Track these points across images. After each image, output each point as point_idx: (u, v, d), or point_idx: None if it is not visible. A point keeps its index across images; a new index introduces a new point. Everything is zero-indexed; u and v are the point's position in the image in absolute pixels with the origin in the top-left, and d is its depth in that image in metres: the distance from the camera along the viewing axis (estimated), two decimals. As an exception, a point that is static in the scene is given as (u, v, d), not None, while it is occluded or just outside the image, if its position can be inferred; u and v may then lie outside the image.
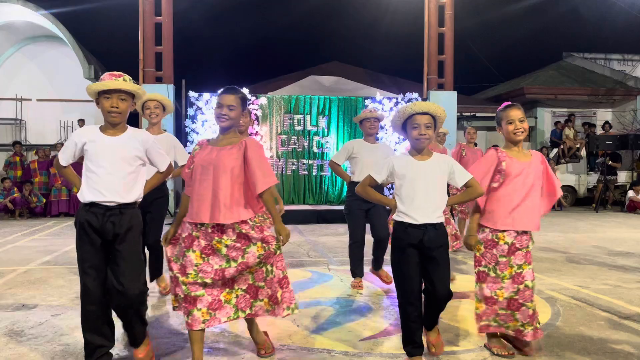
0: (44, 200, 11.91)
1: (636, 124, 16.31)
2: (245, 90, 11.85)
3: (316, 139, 12.20)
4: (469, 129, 7.08)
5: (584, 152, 15.02)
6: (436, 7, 12.96)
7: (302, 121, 12.13)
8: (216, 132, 3.10)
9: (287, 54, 34.97)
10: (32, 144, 14.07)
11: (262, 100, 11.97)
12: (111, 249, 2.88)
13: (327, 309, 4.31)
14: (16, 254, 6.95)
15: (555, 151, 15.05)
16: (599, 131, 15.58)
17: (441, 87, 13.01)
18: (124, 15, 14.67)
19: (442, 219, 2.98)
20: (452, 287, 3.14)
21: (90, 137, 2.91)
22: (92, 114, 13.64)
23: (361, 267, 5.05)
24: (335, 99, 12.28)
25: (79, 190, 2.94)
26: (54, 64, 14.50)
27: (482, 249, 3.19)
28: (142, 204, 3.19)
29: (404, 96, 12.19)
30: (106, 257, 2.91)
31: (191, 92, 11.56)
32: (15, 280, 5.38)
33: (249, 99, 11.74)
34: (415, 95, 12.21)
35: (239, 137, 3.06)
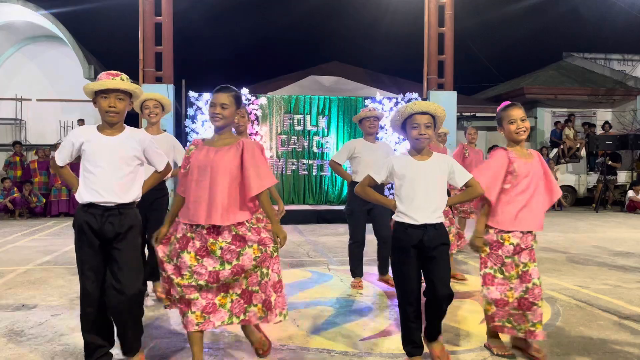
0: (44, 200, 11.91)
1: (636, 124, 16.31)
2: (245, 90, 11.89)
3: (316, 139, 12.20)
4: (469, 129, 7.06)
5: (583, 152, 15.02)
6: (436, 7, 12.96)
7: (302, 121, 12.12)
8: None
9: (287, 54, 35.00)
10: (32, 144, 14.07)
11: (262, 100, 11.97)
12: (110, 248, 2.85)
13: (327, 309, 4.31)
14: (16, 254, 6.95)
15: (555, 151, 15.05)
16: (599, 131, 15.58)
17: (441, 87, 13.01)
18: (124, 15, 14.67)
19: (442, 219, 2.97)
20: (455, 287, 3.14)
21: (87, 137, 2.88)
22: (92, 114, 13.64)
23: (361, 267, 5.04)
24: (335, 99, 12.28)
25: (76, 190, 2.91)
26: (54, 64, 14.51)
27: (487, 250, 3.17)
28: (144, 204, 3.17)
29: (404, 96, 12.19)
30: (105, 258, 2.88)
31: (191, 92, 11.55)
32: (15, 280, 5.38)
33: (249, 99, 11.74)
34: (415, 95, 12.21)
35: (235, 137, 3.02)
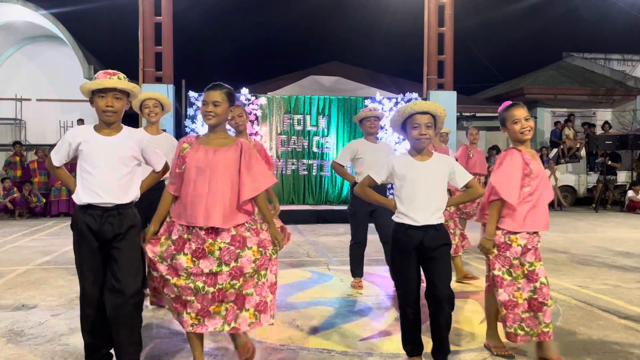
0: (44, 200, 11.91)
1: (636, 124, 16.32)
2: (245, 90, 11.89)
3: (316, 139, 12.20)
4: (471, 129, 7.04)
5: (583, 152, 15.02)
6: (436, 7, 12.96)
7: (302, 121, 12.13)
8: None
9: (287, 54, 35.02)
10: (32, 144, 14.08)
11: (262, 100, 11.97)
12: (110, 248, 2.82)
13: (327, 309, 4.31)
14: (16, 254, 6.95)
15: (555, 151, 15.05)
16: (599, 131, 15.59)
17: (441, 87, 13.01)
18: (123, 15, 14.68)
19: (442, 220, 2.95)
20: (456, 287, 3.13)
21: (85, 137, 2.84)
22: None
23: (361, 267, 5.04)
24: (335, 99, 12.28)
25: (73, 191, 2.87)
26: (54, 64, 14.51)
27: (495, 251, 3.12)
28: (143, 204, 3.15)
29: (404, 96, 12.19)
30: (104, 258, 2.85)
31: (191, 92, 11.55)
32: (15, 280, 5.38)
33: (249, 99, 11.75)
34: (415, 95, 12.21)
35: (232, 137, 2.98)
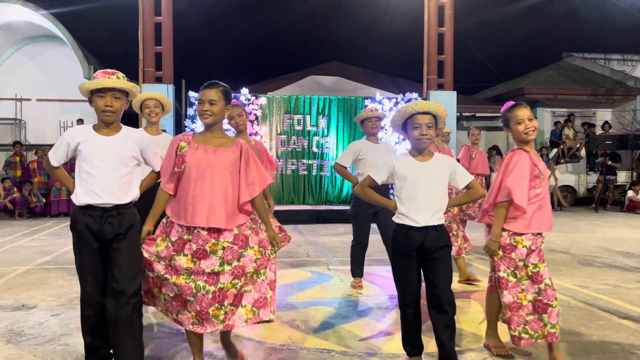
0: (44, 200, 11.91)
1: (636, 124, 16.32)
2: (245, 90, 11.88)
3: (316, 139, 12.20)
4: (472, 130, 7.02)
5: (583, 152, 15.02)
6: (436, 7, 12.96)
7: (301, 121, 12.12)
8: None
9: (287, 54, 35.02)
10: (32, 144, 14.08)
11: (262, 100, 11.97)
12: (110, 249, 2.80)
13: (327, 309, 4.31)
14: (16, 254, 6.95)
15: (555, 151, 15.05)
16: (599, 131, 15.59)
17: (441, 87, 13.01)
18: (123, 15, 14.69)
19: (442, 221, 2.92)
20: (457, 287, 3.13)
21: (84, 136, 2.82)
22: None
23: (362, 267, 5.03)
24: (335, 99, 12.28)
25: (73, 192, 2.84)
26: (54, 64, 14.51)
27: (500, 253, 3.10)
28: (143, 204, 3.11)
29: (404, 96, 12.19)
30: (104, 259, 2.83)
31: (191, 92, 11.54)
32: (15, 280, 5.38)
33: (249, 99, 11.74)
34: (415, 95, 12.21)
35: (228, 136, 2.96)
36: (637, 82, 17.64)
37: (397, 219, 2.94)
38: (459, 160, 6.62)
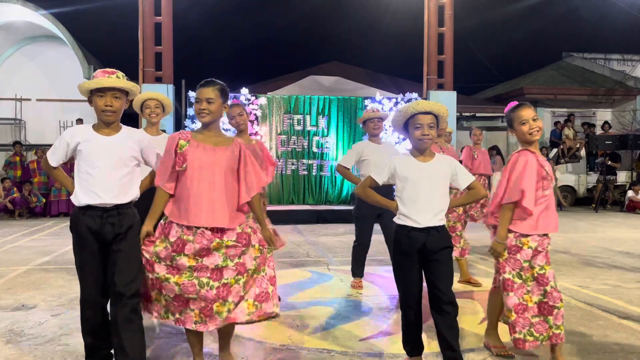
0: (44, 200, 11.91)
1: (636, 124, 16.32)
2: (245, 90, 11.89)
3: (316, 139, 12.20)
4: (474, 130, 7.01)
5: (583, 152, 15.03)
6: (436, 7, 12.96)
7: (301, 121, 12.13)
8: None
9: (287, 54, 35.02)
10: (32, 144, 14.07)
11: (262, 100, 11.97)
12: (110, 250, 2.79)
13: (327, 309, 4.31)
14: (16, 254, 6.94)
15: (554, 151, 15.05)
16: (599, 131, 15.59)
17: (441, 87, 13.02)
18: (123, 15, 14.69)
19: (444, 222, 2.90)
20: (458, 288, 3.12)
21: (84, 136, 2.80)
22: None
23: (362, 268, 5.03)
24: (335, 99, 12.28)
25: (72, 192, 2.82)
26: (54, 64, 14.51)
27: (505, 254, 3.08)
28: (143, 204, 3.10)
29: (404, 96, 12.20)
30: (104, 260, 2.82)
31: (191, 92, 11.54)
32: (15, 280, 5.38)
33: (249, 99, 11.74)
34: (415, 95, 12.22)
35: (225, 135, 2.95)
36: (637, 82, 17.64)
37: (398, 220, 2.92)
38: (461, 162, 6.59)
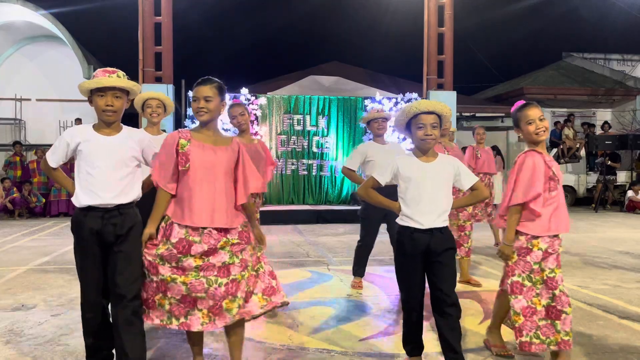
0: (44, 200, 11.91)
1: (635, 124, 16.32)
2: (245, 90, 11.88)
3: (316, 139, 12.20)
4: (478, 129, 7.00)
5: (583, 152, 15.02)
6: (436, 7, 12.96)
7: (301, 121, 12.13)
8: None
9: (286, 54, 35.05)
10: (32, 144, 14.07)
11: (262, 100, 11.97)
12: (111, 251, 2.77)
13: (327, 309, 4.31)
14: (16, 254, 6.94)
15: (554, 151, 15.04)
16: (599, 131, 15.58)
17: (441, 87, 13.01)
18: (123, 15, 14.67)
19: (447, 223, 2.87)
20: (458, 287, 3.11)
21: (84, 136, 2.78)
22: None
23: (364, 268, 5.02)
24: (334, 99, 12.28)
25: (72, 193, 2.80)
26: (54, 64, 14.50)
27: (515, 257, 3.05)
28: (144, 204, 3.09)
29: (404, 96, 12.19)
30: (105, 261, 2.80)
31: (191, 92, 11.54)
32: (15, 280, 5.38)
33: (249, 99, 11.74)
34: (414, 95, 12.21)
35: (223, 134, 2.94)
36: (636, 82, 17.65)
37: (401, 221, 2.88)
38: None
